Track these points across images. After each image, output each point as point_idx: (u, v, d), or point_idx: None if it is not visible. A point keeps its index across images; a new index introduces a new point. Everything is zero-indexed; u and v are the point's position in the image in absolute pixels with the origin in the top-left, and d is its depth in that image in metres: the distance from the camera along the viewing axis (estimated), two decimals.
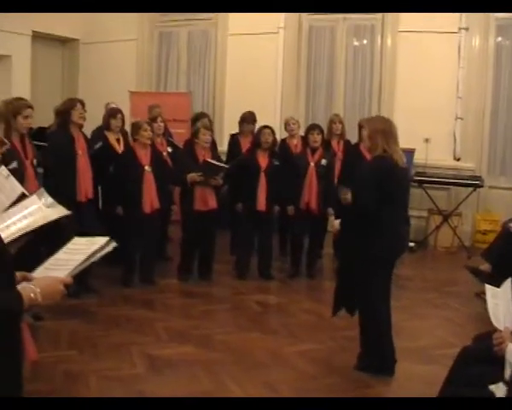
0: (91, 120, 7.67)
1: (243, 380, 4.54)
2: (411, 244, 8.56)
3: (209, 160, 6.80)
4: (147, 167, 6.56)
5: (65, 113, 6.17)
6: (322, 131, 7.25)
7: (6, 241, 2.38)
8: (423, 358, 5.03)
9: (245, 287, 6.93)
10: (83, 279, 6.35)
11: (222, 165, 6.91)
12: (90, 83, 11.58)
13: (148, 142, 6.64)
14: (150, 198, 6.56)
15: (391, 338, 4.70)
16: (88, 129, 7.56)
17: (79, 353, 4.98)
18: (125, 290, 6.60)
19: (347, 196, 4.80)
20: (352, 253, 4.64)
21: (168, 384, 4.44)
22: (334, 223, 4.96)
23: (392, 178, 4.52)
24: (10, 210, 2.89)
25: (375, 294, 4.62)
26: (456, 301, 6.66)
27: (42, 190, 3.00)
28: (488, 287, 3.34)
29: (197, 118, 8.13)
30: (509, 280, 3.27)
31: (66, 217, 2.82)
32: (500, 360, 2.97)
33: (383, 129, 4.58)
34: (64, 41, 11.96)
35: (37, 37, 11.00)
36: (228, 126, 9.85)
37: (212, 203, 6.87)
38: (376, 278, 4.58)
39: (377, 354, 4.70)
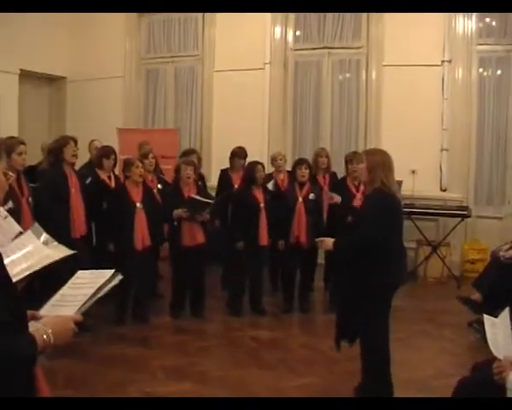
0: (79, 157, 7.69)
1: None
2: None
3: (194, 196, 6.82)
4: (138, 204, 6.57)
5: (57, 150, 6.18)
6: (309, 166, 7.30)
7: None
8: (421, 389, 5.03)
9: (238, 322, 6.92)
10: None
11: (207, 201, 6.91)
12: (78, 120, 11.58)
13: (140, 179, 6.66)
14: (142, 235, 6.56)
15: (389, 370, 4.72)
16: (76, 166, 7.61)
17: (76, 393, 4.92)
18: (119, 329, 6.56)
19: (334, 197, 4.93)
20: (355, 284, 4.67)
21: None
22: (327, 241, 4.94)
23: (394, 210, 4.62)
24: (7, 248, 2.86)
25: (378, 325, 4.64)
26: (450, 331, 6.68)
27: (36, 225, 2.91)
28: (486, 317, 3.38)
29: (185, 154, 8.16)
30: (507, 310, 3.32)
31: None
32: (500, 389, 3.01)
33: (383, 162, 4.62)
34: (51, 79, 12.00)
35: (25, 75, 11.03)
36: (216, 161, 9.90)
37: (200, 238, 6.88)
38: (378, 309, 4.62)
39: (377, 384, 4.69)
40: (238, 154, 8.33)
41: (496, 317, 3.43)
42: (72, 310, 2.34)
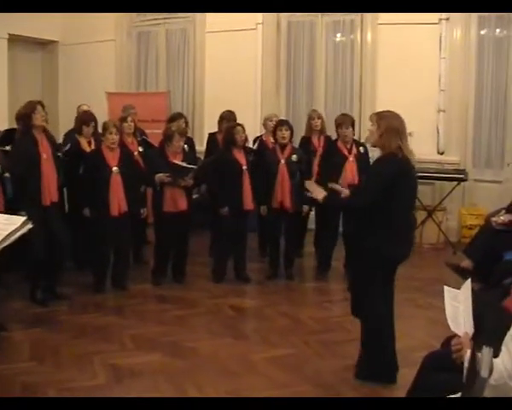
0: (70, 123, 7.52)
1: (207, 389, 4.34)
2: None
3: (176, 161, 6.61)
4: (114, 169, 6.35)
5: (26, 117, 5.94)
6: (290, 127, 7.04)
7: None
8: (401, 361, 4.77)
9: (221, 290, 6.73)
10: (50, 287, 6.18)
11: (190, 166, 6.68)
12: (71, 85, 11.45)
13: (113, 146, 6.41)
14: (118, 201, 6.34)
15: (393, 344, 4.51)
16: (65, 130, 7.49)
17: (40, 364, 4.77)
18: (97, 297, 6.39)
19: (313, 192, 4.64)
20: (360, 254, 4.44)
21: (128, 395, 4.23)
22: (317, 190, 4.67)
23: (405, 178, 4.32)
24: None
25: (379, 298, 4.41)
26: (439, 300, 6.23)
27: None
28: (447, 289, 3.13)
29: (173, 118, 7.90)
30: (469, 281, 3.06)
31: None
32: (460, 366, 2.76)
33: (397, 127, 4.36)
34: (43, 43, 11.76)
35: (14, 40, 10.80)
36: (208, 125, 9.66)
37: (183, 205, 6.66)
38: (381, 282, 4.39)
39: (379, 360, 4.47)
40: (227, 117, 8.06)
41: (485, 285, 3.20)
42: None
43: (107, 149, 6.41)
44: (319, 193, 4.60)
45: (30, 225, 2.55)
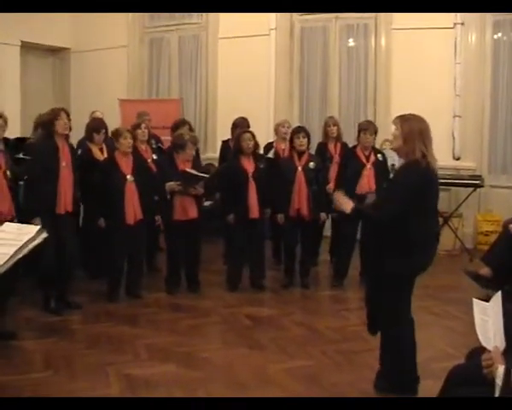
0: (82, 130, 7.47)
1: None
2: None
3: (187, 169, 6.54)
4: (129, 177, 6.29)
5: (49, 123, 5.89)
6: (307, 135, 6.95)
7: None
8: (420, 372, 4.70)
9: (236, 299, 6.63)
10: (62, 296, 6.12)
11: (201, 174, 6.62)
12: (82, 91, 11.43)
13: (129, 150, 6.36)
14: (133, 209, 6.28)
15: (414, 356, 4.39)
16: (77, 138, 7.44)
17: (54, 374, 4.68)
18: (110, 306, 6.31)
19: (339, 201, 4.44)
20: (382, 267, 4.25)
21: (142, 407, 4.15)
22: (345, 202, 4.44)
23: (430, 187, 4.17)
24: None
25: (402, 311, 4.30)
26: (456, 308, 6.31)
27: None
28: (476, 301, 3.01)
29: (178, 125, 7.82)
30: (499, 293, 2.95)
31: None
32: (491, 383, 2.66)
33: (420, 129, 4.16)
34: (54, 50, 11.77)
35: (27, 47, 10.82)
36: (220, 131, 9.62)
37: (193, 213, 6.59)
38: (403, 295, 4.27)
39: (400, 372, 4.35)
40: (240, 124, 7.96)
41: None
42: None
43: (120, 157, 6.35)
44: (347, 205, 4.40)
45: (45, 235, 2.55)
